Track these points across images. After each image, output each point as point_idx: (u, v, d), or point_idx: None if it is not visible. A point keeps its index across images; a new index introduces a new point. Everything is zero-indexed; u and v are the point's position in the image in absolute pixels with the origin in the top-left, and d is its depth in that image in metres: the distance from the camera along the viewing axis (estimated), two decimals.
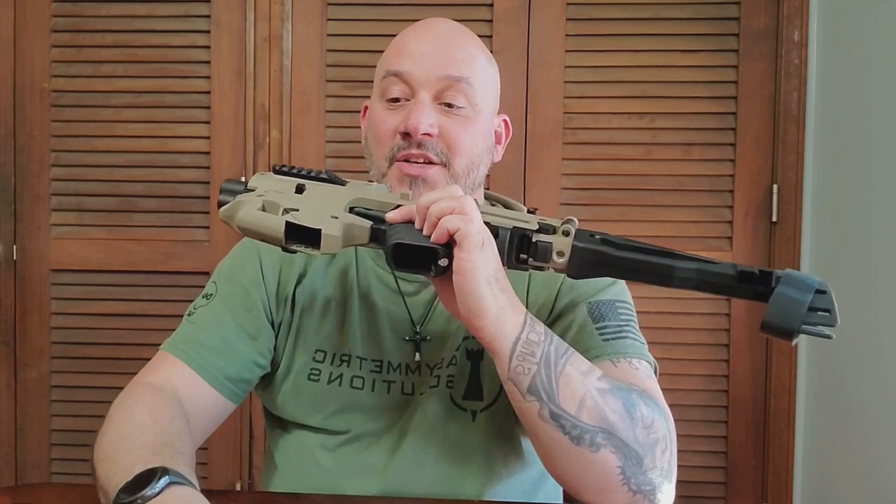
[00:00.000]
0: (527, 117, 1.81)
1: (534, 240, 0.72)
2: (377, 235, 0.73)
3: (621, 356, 0.83)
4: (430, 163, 0.86)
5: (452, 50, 0.89)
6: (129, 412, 0.81)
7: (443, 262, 0.70)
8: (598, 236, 0.72)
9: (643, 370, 0.84)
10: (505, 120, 0.98)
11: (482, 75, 0.90)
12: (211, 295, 0.93)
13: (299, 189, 0.77)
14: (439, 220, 0.70)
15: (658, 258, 0.69)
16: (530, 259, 0.73)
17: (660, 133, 1.81)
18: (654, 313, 1.76)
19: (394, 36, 0.95)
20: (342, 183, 0.78)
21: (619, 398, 0.73)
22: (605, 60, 1.81)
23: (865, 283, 1.54)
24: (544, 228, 0.72)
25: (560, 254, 0.71)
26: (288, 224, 0.72)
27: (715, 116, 1.80)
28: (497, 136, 0.96)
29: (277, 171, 0.79)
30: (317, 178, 0.78)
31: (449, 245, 0.70)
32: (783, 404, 1.80)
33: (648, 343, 0.89)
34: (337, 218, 0.73)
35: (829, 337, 0.64)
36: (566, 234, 0.71)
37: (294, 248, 0.73)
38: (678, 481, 0.78)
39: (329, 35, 1.83)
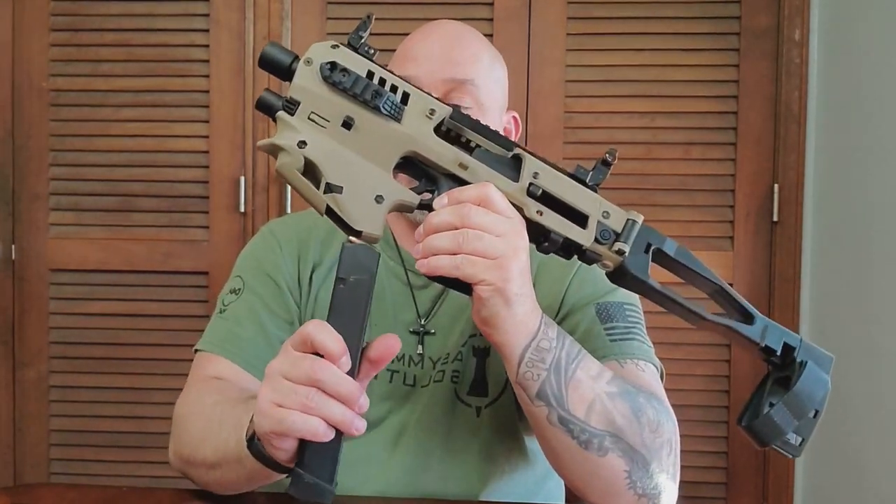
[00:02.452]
0: (527, 116, 1.81)
1: (584, 249, 0.69)
2: (425, 207, 0.69)
3: (628, 357, 0.84)
4: None
5: (455, 52, 0.90)
6: (196, 404, 0.82)
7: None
8: (652, 250, 0.69)
9: (649, 373, 0.84)
10: (514, 116, 1.00)
11: (487, 74, 0.91)
12: (239, 289, 0.93)
13: (347, 123, 0.67)
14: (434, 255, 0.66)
15: (690, 311, 0.69)
16: (576, 256, 0.71)
17: (661, 132, 1.80)
18: (655, 313, 1.74)
19: (393, 35, 0.96)
20: (398, 117, 0.67)
21: (627, 402, 0.73)
22: (606, 59, 1.80)
23: (865, 283, 1.53)
24: (602, 238, 0.69)
25: (605, 265, 0.70)
26: (328, 208, 0.66)
27: (716, 116, 1.80)
28: (507, 133, 0.98)
29: (328, 79, 0.66)
30: (372, 106, 0.66)
31: None
32: None
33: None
34: (382, 201, 0.66)
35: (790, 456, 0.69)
36: (620, 253, 0.68)
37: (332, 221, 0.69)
38: (679, 481, 0.78)
39: (329, 34, 1.83)
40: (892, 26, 1.50)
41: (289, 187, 1.83)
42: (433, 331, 0.92)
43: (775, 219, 1.79)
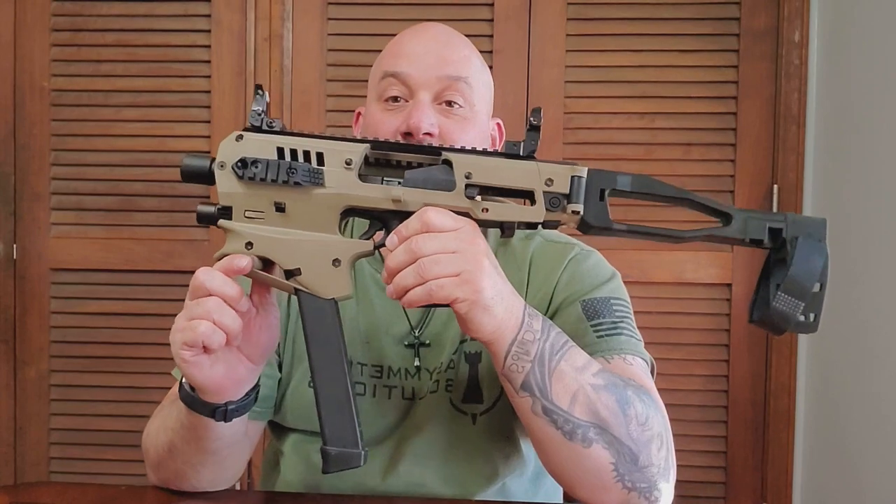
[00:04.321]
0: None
1: (542, 222, 0.71)
2: (381, 247, 0.72)
3: (615, 353, 0.83)
4: None
5: (449, 51, 0.90)
6: (155, 416, 0.88)
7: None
8: (608, 193, 0.69)
9: (638, 367, 0.83)
10: (498, 123, 0.99)
11: (478, 76, 0.92)
12: None
13: (279, 207, 0.71)
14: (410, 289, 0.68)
15: (665, 235, 0.70)
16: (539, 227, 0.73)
17: (660, 133, 1.81)
18: (654, 313, 1.76)
19: (394, 35, 0.96)
20: (320, 181, 0.70)
21: (613, 394, 0.73)
22: (606, 60, 1.81)
23: (864, 283, 1.54)
24: (552, 206, 0.70)
25: (568, 224, 0.72)
26: (298, 291, 0.71)
27: (715, 116, 1.80)
28: (492, 140, 0.98)
29: (243, 177, 0.70)
30: (292, 183, 0.70)
31: None
32: (783, 405, 1.80)
33: (649, 343, 0.89)
34: (340, 264, 0.71)
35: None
36: (575, 213, 0.70)
37: None
38: (678, 481, 0.78)
39: (329, 35, 1.83)
40: (892, 27, 1.50)
41: None
42: (428, 342, 0.92)
43: None
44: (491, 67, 1.80)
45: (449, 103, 0.88)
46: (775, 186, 1.79)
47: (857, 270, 1.58)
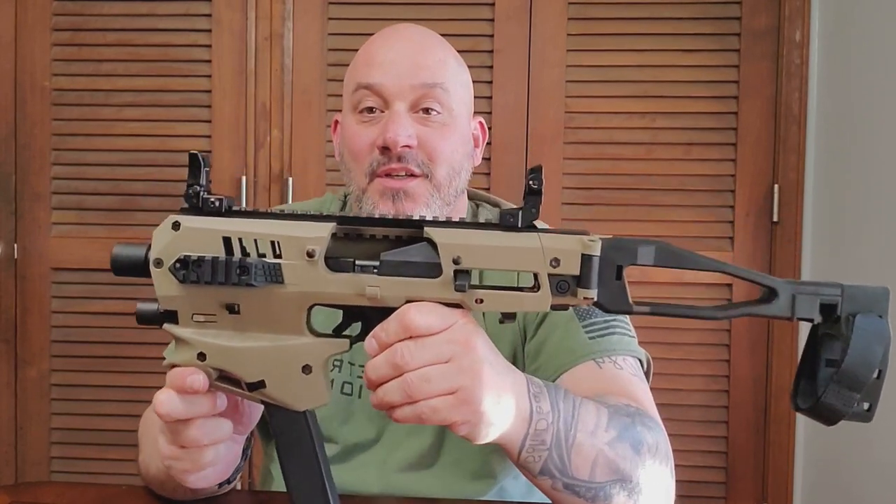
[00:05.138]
0: (528, 117, 1.81)
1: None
2: (357, 341, 0.62)
3: (606, 355, 0.82)
4: (412, 174, 0.85)
5: (422, 56, 0.87)
6: (147, 418, 0.84)
7: None
8: (626, 269, 0.59)
9: (628, 368, 0.82)
10: (480, 122, 0.97)
11: (455, 79, 0.89)
12: None
13: (232, 308, 0.60)
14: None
15: (697, 316, 0.61)
16: None
17: (661, 133, 1.81)
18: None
19: None
20: (279, 279, 0.58)
21: (627, 440, 0.70)
22: (607, 60, 1.81)
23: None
24: (559, 290, 0.58)
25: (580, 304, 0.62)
26: (266, 404, 0.62)
27: (716, 116, 1.80)
28: (475, 140, 0.95)
29: (185, 280, 0.60)
30: (245, 285, 0.58)
31: None
32: (783, 405, 1.80)
33: (650, 343, 0.88)
34: (311, 370, 0.60)
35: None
36: (587, 298, 0.59)
37: None
38: (679, 481, 0.78)
39: (330, 34, 1.83)
40: (892, 27, 1.50)
41: (290, 186, 1.83)
42: None
43: (775, 219, 1.79)
44: (491, 67, 1.81)
45: (426, 110, 0.86)
46: (776, 186, 1.79)
47: (857, 271, 1.58)
